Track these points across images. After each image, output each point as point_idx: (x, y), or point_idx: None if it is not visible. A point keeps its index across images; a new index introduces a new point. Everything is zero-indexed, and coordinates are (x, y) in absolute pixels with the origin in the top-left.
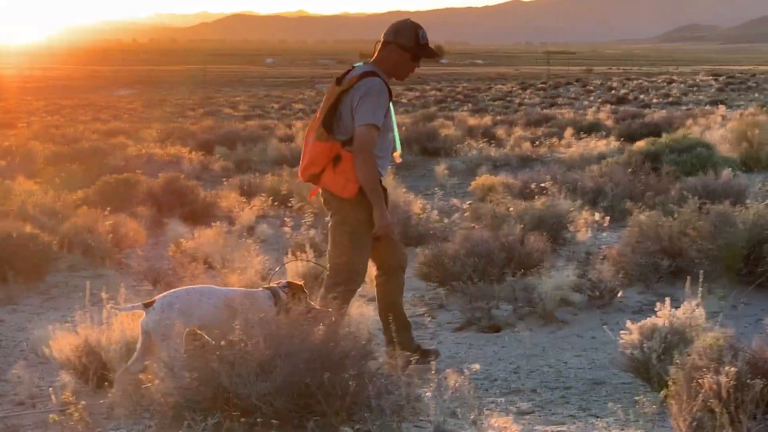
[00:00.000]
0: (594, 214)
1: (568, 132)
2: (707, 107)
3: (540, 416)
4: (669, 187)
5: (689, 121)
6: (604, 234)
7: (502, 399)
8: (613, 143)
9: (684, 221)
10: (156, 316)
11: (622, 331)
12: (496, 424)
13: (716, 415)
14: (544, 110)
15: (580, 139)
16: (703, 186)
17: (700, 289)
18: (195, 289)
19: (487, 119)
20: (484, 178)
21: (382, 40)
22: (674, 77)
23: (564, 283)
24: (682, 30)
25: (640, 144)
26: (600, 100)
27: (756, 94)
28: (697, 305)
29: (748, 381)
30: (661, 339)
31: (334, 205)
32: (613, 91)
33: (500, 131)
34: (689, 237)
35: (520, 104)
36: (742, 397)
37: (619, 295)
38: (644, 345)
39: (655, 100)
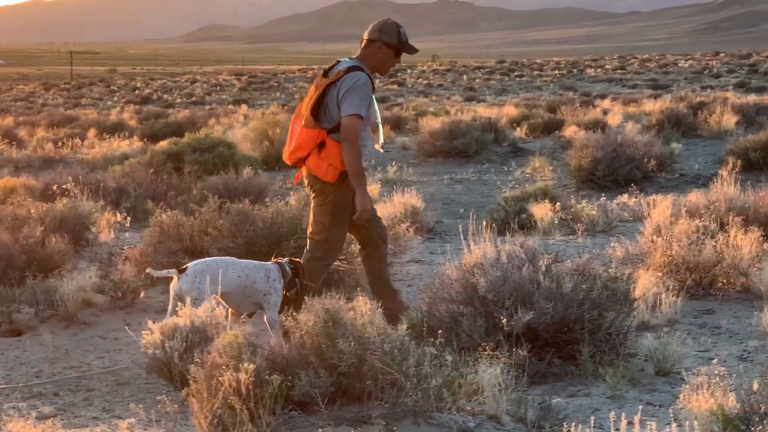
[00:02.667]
0: (116, 215)
1: (92, 133)
2: (230, 106)
3: (62, 419)
4: (191, 186)
5: (212, 121)
6: (127, 234)
7: (24, 404)
8: (137, 143)
9: (205, 220)
10: (190, 280)
11: (144, 332)
12: (14, 430)
13: (237, 412)
14: (68, 111)
15: (104, 139)
16: (225, 185)
17: None
18: (221, 260)
19: (9, 120)
20: (4, 180)
21: (366, 38)
22: (198, 77)
23: (86, 284)
24: (206, 30)
25: (163, 144)
26: (124, 100)
27: (277, 93)
28: (218, 304)
29: (266, 377)
30: (182, 338)
31: (317, 188)
32: (137, 91)
33: (23, 132)
34: (210, 236)
35: (43, 105)
36: (261, 393)
37: (141, 295)
38: (166, 344)
39: (179, 100)
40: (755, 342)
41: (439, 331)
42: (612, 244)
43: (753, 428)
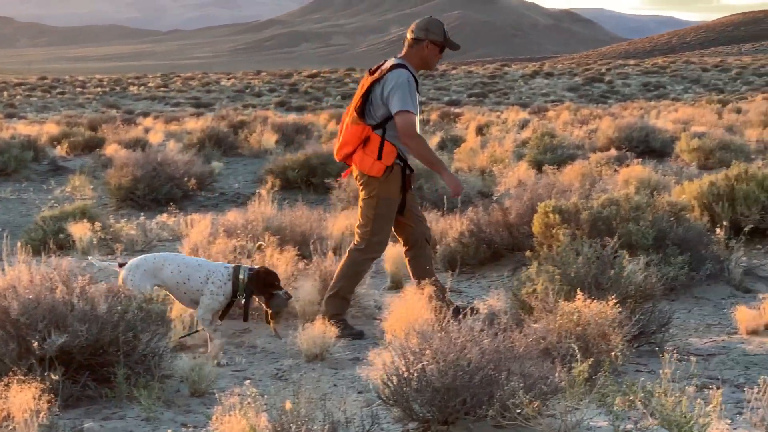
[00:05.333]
0: None
1: None
2: None
3: None
4: None
5: None
6: None
7: None
8: None
9: None
10: (123, 275)
11: None
12: None
13: None
14: None
15: None
16: None
17: None
18: (163, 255)
19: None
20: None
21: (412, 36)
22: None
23: None
24: None
25: None
26: None
27: None
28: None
29: None
30: None
31: (363, 181)
32: None
33: None
34: None
35: None
36: None
37: None
38: None
39: None
40: (290, 361)
41: None
42: None
43: None
